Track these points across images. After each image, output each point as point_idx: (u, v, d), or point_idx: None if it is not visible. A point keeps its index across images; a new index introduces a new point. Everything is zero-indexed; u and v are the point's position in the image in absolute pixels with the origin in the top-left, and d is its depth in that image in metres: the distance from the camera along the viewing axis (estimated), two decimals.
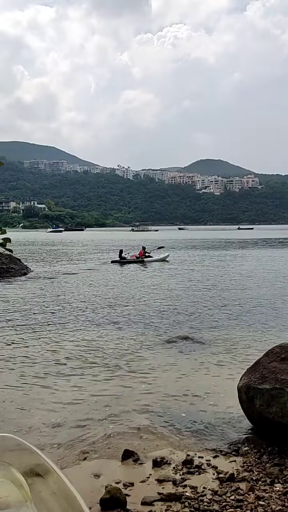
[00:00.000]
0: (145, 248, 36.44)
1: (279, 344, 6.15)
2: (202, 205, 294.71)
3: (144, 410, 6.77)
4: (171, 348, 10.46)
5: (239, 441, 5.72)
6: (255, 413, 5.80)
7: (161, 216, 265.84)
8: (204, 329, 12.32)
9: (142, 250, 36.23)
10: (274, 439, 5.42)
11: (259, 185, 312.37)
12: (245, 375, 6.14)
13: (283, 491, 4.27)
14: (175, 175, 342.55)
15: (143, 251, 36.12)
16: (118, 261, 34.54)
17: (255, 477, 4.63)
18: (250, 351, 9.81)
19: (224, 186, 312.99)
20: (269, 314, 14.24)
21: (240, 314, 14.31)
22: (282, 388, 5.42)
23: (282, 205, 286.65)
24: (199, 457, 5.22)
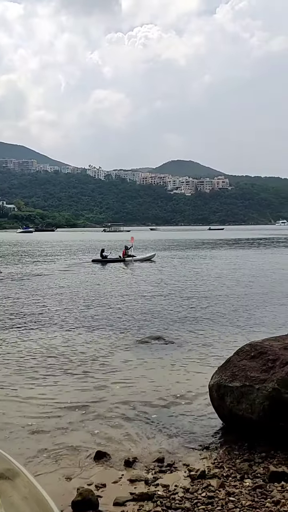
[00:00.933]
0: (127, 248, 36.28)
1: (249, 343, 6.27)
2: (173, 205, 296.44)
3: (116, 411, 6.76)
4: (143, 348, 10.49)
5: (210, 438, 5.80)
6: (225, 410, 5.89)
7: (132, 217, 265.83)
8: (176, 329, 12.41)
9: (125, 249, 36.19)
10: (244, 435, 5.53)
11: (229, 186, 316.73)
12: (216, 374, 6.23)
13: (252, 486, 4.35)
14: (146, 176, 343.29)
15: (125, 250, 36.10)
16: (99, 260, 34.40)
17: (226, 473, 4.70)
18: (221, 350, 9.93)
19: (195, 187, 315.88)
20: (239, 313, 14.47)
21: (211, 314, 14.48)
22: (251, 385, 5.53)
23: (251, 206, 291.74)
24: (171, 456, 5.26)
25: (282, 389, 5.25)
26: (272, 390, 5.30)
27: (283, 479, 4.42)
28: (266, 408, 5.32)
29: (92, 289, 20.47)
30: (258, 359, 5.78)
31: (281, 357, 5.56)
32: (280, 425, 5.22)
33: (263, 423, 5.37)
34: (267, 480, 4.46)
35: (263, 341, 6.14)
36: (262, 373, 5.56)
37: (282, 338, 6.18)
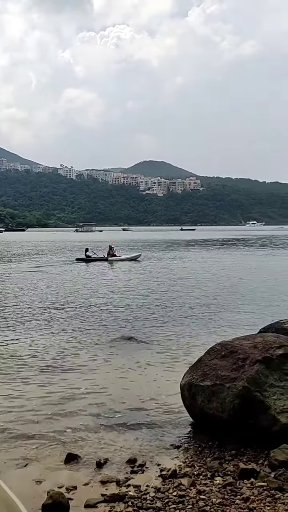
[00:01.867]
0: (111, 248, 36.51)
1: (220, 342, 6.34)
2: (145, 206, 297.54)
3: (87, 412, 6.72)
4: (115, 348, 10.46)
5: (181, 437, 5.84)
6: (196, 409, 5.95)
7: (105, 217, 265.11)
8: (147, 329, 12.44)
9: (109, 249, 36.31)
10: (215, 433, 5.59)
11: (200, 187, 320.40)
12: (188, 373, 6.28)
13: (223, 484, 4.41)
14: (118, 176, 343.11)
15: (109, 250, 36.21)
16: (83, 259, 34.74)
17: (197, 471, 4.75)
18: (192, 349, 10.01)
19: (167, 188, 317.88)
20: (210, 313, 14.62)
21: (183, 314, 14.58)
22: (222, 384, 5.60)
23: (222, 206, 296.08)
24: (142, 456, 5.26)
25: (251, 387, 5.34)
26: (242, 388, 5.38)
27: (252, 475, 4.50)
28: (236, 407, 5.39)
29: (64, 290, 20.26)
30: (228, 358, 5.85)
31: (251, 355, 5.65)
32: (250, 423, 5.30)
33: (233, 421, 5.44)
34: (237, 477, 4.53)
35: (233, 341, 6.22)
36: (232, 372, 5.64)
37: (252, 337, 6.27)
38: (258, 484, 4.34)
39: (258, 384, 5.35)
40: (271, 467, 4.64)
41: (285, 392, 5.39)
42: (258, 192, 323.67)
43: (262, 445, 5.09)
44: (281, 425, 5.12)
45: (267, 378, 5.43)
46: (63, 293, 19.18)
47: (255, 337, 6.23)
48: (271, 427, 5.17)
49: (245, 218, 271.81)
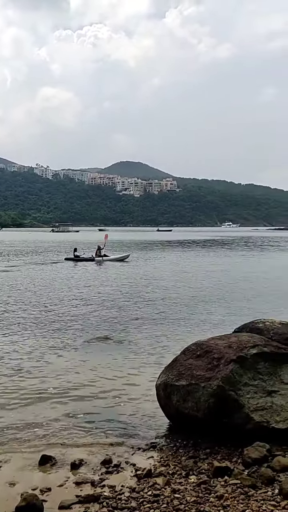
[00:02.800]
0: (99, 248, 36.61)
1: (195, 342, 6.38)
2: (122, 206, 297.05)
3: (62, 413, 6.67)
4: (90, 348, 10.42)
5: (157, 437, 5.86)
6: (172, 409, 5.97)
7: (81, 217, 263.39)
8: (124, 329, 12.43)
9: (97, 249, 36.46)
10: (190, 433, 5.63)
11: (177, 188, 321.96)
12: (163, 373, 6.29)
13: (197, 482, 4.45)
14: (95, 176, 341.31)
15: (97, 250, 36.39)
16: (71, 259, 35.25)
17: (171, 471, 4.77)
18: (168, 349, 10.05)
19: (144, 188, 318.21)
20: (186, 313, 14.72)
21: (159, 314, 14.63)
22: (197, 383, 5.63)
23: (198, 208, 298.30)
24: (118, 456, 5.26)
25: (226, 387, 5.39)
26: (217, 387, 5.43)
27: (226, 473, 4.55)
28: (211, 406, 5.44)
29: (42, 290, 20.03)
30: (203, 358, 5.89)
31: (226, 355, 5.70)
32: (224, 422, 5.36)
33: (208, 420, 5.49)
34: (211, 475, 4.57)
35: (208, 340, 6.27)
36: (207, 371, 5.68)
37: (226, 337, 6.33)
38: (232, 481, 4.39)
39: (233, 383, 5.42)
40: (245, 465, 4.70)
41: (258, 391, 5.47)
42: (233, 194, 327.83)
43: (236, 443, 5.16)
44: (255, 423, 5.19)
45: (241, 377, 5.50)
46: (40, 293, 18.96)
47: (230, 337, 6.28)
48: (245, 425, 5.24)
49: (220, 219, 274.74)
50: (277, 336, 6.28)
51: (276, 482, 4.34)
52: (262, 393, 5.46)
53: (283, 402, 5.40)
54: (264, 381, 5.56)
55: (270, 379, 5.60)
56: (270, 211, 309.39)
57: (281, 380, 5.62)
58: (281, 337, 6.26)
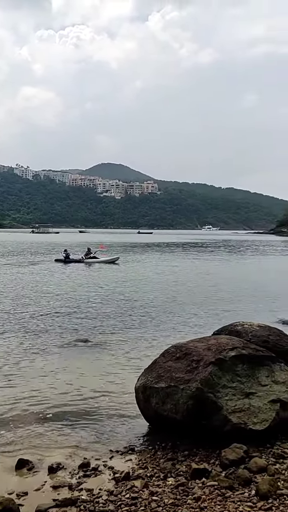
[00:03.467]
0: (89, 249, 37.15)
1: (174, 344, 6.41)
2: (103, 208, 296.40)
3: (40, 416, 6.60)
4: (69, 351, 10.34)
5: (135, 440, 5.85)
6: (151, 411, 5.97)
7: (61, 218, 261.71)
8: (104, 331, 12.38)
9: (87, 250, 36.88)
10: (169, 435, 5.64)
11: (158, 191, 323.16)
12: (143, 375, 6.29)
13: (175, 485, 4.45)
14: (76, 177, 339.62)
15: (87, 251, 36.74)
16: (61, 260, 35.57)
17: (150, 473, 4.77)
18: (148, 352, 10.05)
19: (125, 191, 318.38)
20: (165, 316, 14.76)
21: (139, 317, 14.63)
22: (176, 385, 5.65)
23: (179, 211, 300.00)
24: (96, 460, 5.23)
25: (205, 389, 5.42)
26: (196, 389, 5.46)
27: (204, 475, 4.57)
28: (189, 408, 5.46)
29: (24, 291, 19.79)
30: (183, 360, 5.92)
31: (205, 357, 5.74)
32: (203, 423, 5.38)
33: (186, 422, 5.51)
34: (189, 477, 4.59)
35: (188, 343, 6.30)
36: (186, 373, 5.71)
37: (206, 339, 6.38)
38: (210, 483, 4.41)
39: (211, 385, 5.45)
40: (222, 466, 4.74)
41: (236, 393, 5.52)
42: (214, 198, 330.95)
43: (214, 445, 5.18)
44: (232, 424, 5.23)
45: (220, 379, 5.54)
46: (22, 294, 18.72)
47: (209, 339, 6.33)
48: (223, 427, 5.27)
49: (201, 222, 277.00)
50: (255, 339, 6.37)
51: (252, 483, 4.38)
52: (240, 395, 5.51)
53: (260, 404, 5.46)
54: (242, 383, 5.62)
55: (248, 381, 5.66)
56: (250, 215, 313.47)
57: (259, 382, 5.68)
58: (259, 340, 6.35)
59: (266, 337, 6.40)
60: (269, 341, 6.35)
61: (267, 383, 5.72)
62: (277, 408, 5.47)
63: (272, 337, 6.45)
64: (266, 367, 5.87)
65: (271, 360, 5.95)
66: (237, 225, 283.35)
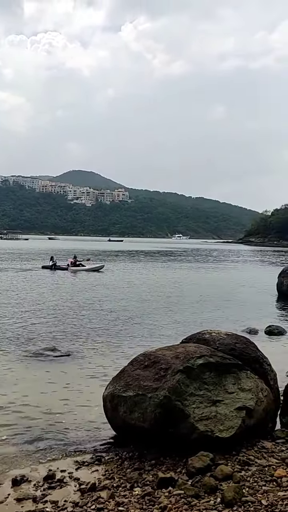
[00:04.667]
0: (75, 257, 37.53)
1: (143, 352, 6.40)
2: (73, 215, 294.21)
3: (4, 427, 6.43)
4: (36, 360, 10.15)
5: (102, 450, 5.79)
6: (118, 420, 5.92)
7: (30, 225, 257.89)
8: (72, 340, 12.24)
9: (73, 258, 37.14)
10: (137, 444, 5.60)
11: (129, 199, 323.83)
12: (110, 384, 6.24)
13: (141, 495, 4.43)
14: (46, 184, 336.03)
15: (72, 259, 36.98)
16: (48, 267, 35.64)
17: (116, 483, 4.72)
18: (117, 360, 10.00)
19: (96, 198, 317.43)
20: (133, 324, 14.75)
21: (108, 325, 14.55)
22: (144, 394, 5.63)
23: (149, 219, 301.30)
24: (61, 471, 5.14)
25: (172, 397, 5.43)
26: (164, 398, 5.46)
27: (171, 484, 4.56)
28: (157, 416, 5.45)
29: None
30: (151, 368, 5.91)
31: (173, 365, 5.75)
32: (170, 432, 5.38)
33: (154, 431, 5.49)
34: (155, 487, 4.57)
35: (156, 351, 6.30)
36: (154, 381, 5.70)
37: (174, 348, 6.39)
38: (176, 492, 4.41)
39: (179, 393, 5.47)
40: (189, 475, 4.74)
41: (204, 401, 5.55)
42: (184, 207, 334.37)
43: (181, 453, 5.19)
44: (199, 432, 5.26)
45: (188, 387, 5.56)
46: None
47: (177, 348, 6.35)
48: (190, 434, 5.29)
49: (171, 231, 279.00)
50: (223, 347, 6.43)
51: (218, 490, 4.40)
52: (207, 402, 5.55)
53: (226, 411, 5.51)
54: (209, 390, 5.66)
55: (215, 389, 5.70)
56: (219, 224, 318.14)
57: (225, 390, 5.74)
58: (226, 348, 6.41)
59: (233, 345, 6.48)
60: (236, 349, 6.43)
61: (234, 390, 5.78)
62: (243, 416, 5.54)
63: (238, 345, 6.53)
64: (232, 374, 5.93)
65: (238, 367, 6.02)
66: (206, 234, 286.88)
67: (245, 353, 6.40)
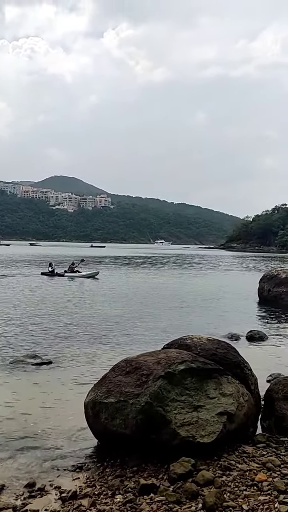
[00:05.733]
0: (73, 263, 37.10)
1: (125, 359, 6.39)
2: (55, 221, 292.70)
3: None
4: (16, 368, 10.02)
5: (84, 457, 5.74)
6: (100, 427, 5.89)
7: (12, 231, 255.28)
8: (54, 347, 12.12)
9: (71, 265, 36.87)
10: (118, 451, 5.58)
11: (111, 205, 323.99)
12: (92, 391, 6.21)
13: (123, 502, 4.41)
14: (28, 189, 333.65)
15: (70, 265, 36.78)
16: (47, 274, 35.65)
17: (97, 491, 4.69)
18: (98, 367, 9.94)
19: (78, 204, 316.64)
20: (115, 330, 14.69)
21: (90, 331, 14.47)
22: (126, 400, 5.62)
23: (132, 225, 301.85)
24: (42, 479, 5.08)
25: (154, 403, 5.44)
26: (145, 404, 5.46)
27: (152, 490, 4.56)
28: (139, 422, 5.44)
29: None
30: (133, 374, 5.91)
31: (154, 371, 5.76)
32: (152, 438, 5.38)
33: (136, 438, 5.48)
34: (137, 493, 4.55)
35: (138, 357, 6.30)
36: (136, 388, 5.70)
37: (156, 353, 6.41)
38: (157, 498, 4.40)
39: (160, 399, 5.48)
40: (170, 481, 4.74)
41: (185, 406, 5.57)
42: (166, 212, 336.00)
43: (163, 460, 5.19)
44: (181, 438, 5.27)
45: (169, 393, 5.58)
46: None
47: (159, 353, 6.37)
48: (171, 441, 5.29)
49: (153, 237, 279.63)
50: (204, 352, 6.47)
51: (200, 496, 4.41)
52: (189, 408, 5.57)
53: (208, 417, 5.54)
54: (191, 396, 5.68)
55: (197, 394, 5.73)
56: (201, 230, 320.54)
57: (207, 395, 5.77)
58: (207, 353, 6.45)
59: (214, 350, 6.52)
60: (217, 354, 6.47)
61: (215, 395, 5.82)
62: (224, 421, 5.58)
63: (220, 350, 6.57)
64: (214, 380, 5.96)
65: (219, 372, 6.06)
66: (188, 240, 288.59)
67: (226, 358, 6.44)
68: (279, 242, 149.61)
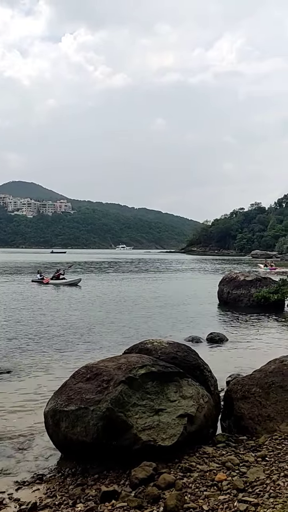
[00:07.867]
0: (58, 271, 37.08)
1: (85, 365, 6.33)
2: (14, 227, 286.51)
3: None
4: None
5: (44, 468, 5.64)
6: (60, 436, 5.80)
7: None
8: (11, 355, 11.85)
9: (56, 272, 36.79)
10: (79, 460, 5.51)
11: (71, 210, 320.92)
12: (52, 399, 6.11)
13: (84, 510, 4.36)
14: None
15: (55, 273, 36.74)
16: (37, 281, 35.41)
17: (58, 501, 4.62)
18: (58, 374, 9.79)
19: (37, 209, 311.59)
20: (75, 337, 14.54)
21: (49, 339, 14.24)
22: (86, 407, 5.57)
23: (92, 230, 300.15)
24: (0, 493, 4.94)
25: (115, 408, 5.41)
26: (106, 410, 5.42)
27: (114, 497, 4.53)
28: (99, 429, 5.40)
29: None
30: (93, 381, 5.86)
31: (115, 377, 5.74)
32: (113, 444, 5.35)
33: (97, 445, 5.43)
34: (98, 501, 4.51)
35: (98, 363, 6.26)
36: (97, 394, 5.65)
37: (116, 359, 6.39)
38: (119, 505, 4.38)
39: (122, 404, 5.46)
40: (132, 486, 4.73)
41: (146, 410, 5.58)
42: (127, 217, 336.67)
43: (125, 465, 5.16)
44: (142, 442, 5.27)
45: (130, 398, 5.57)
46: None
47: (120, 358, 6.36)
48: (133, 445, 5.28)
49: (115, 242, 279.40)
50: (164, 356, 6.51)
51: (161, 499, 4.42)
52: (150, 412, 5.58)
53: (169, 419, 5.57)
54: (152, 400, 5.70)
55: (158, 398, 5.75)
56: (162, 234, 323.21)
57: (168, 398, 5.80)
58: (168, 356, 6.50)
59: (174, 354, 6.58)
60: (178, 357, 6.53)
61: (176, 398, 5.86)
62: (184, 423, 5.62)
63: (180, 353, 6.64)
64: (174, 383, 6.01)
65: (179, 375, 6.12)
66: (149, 245, 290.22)
67: (186, 361, 6.51)
68: (237, 245, 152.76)
